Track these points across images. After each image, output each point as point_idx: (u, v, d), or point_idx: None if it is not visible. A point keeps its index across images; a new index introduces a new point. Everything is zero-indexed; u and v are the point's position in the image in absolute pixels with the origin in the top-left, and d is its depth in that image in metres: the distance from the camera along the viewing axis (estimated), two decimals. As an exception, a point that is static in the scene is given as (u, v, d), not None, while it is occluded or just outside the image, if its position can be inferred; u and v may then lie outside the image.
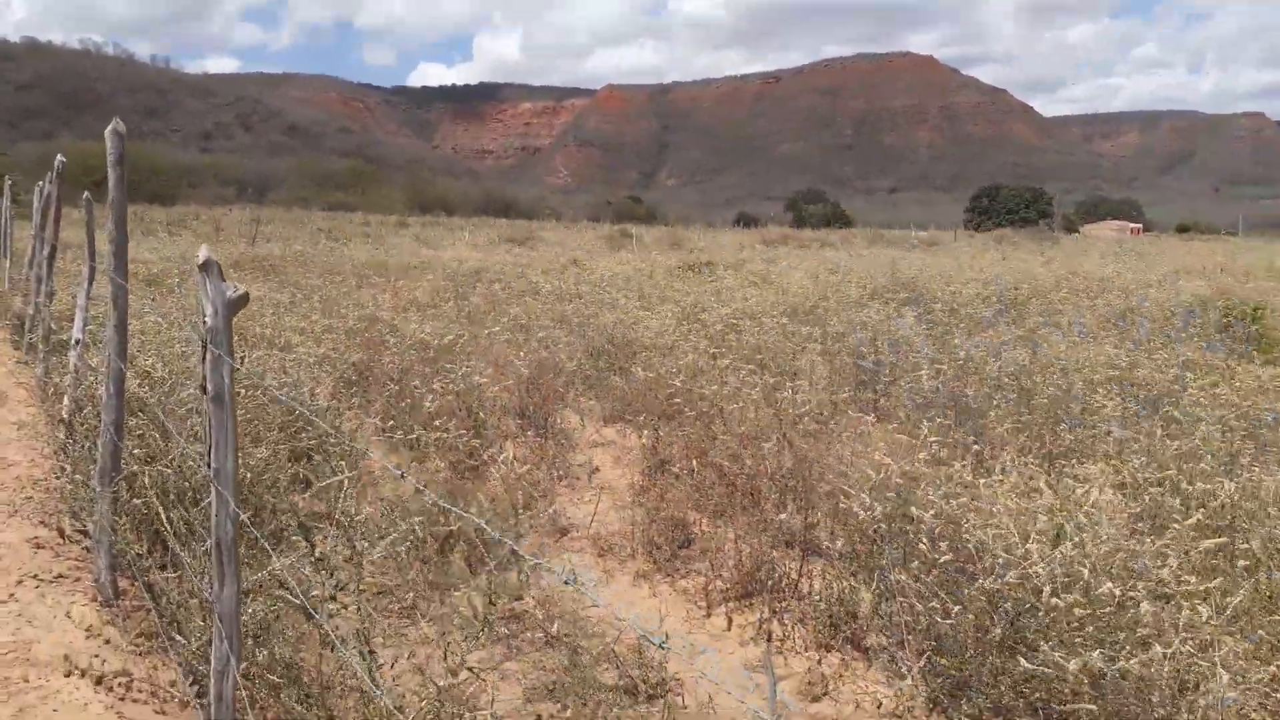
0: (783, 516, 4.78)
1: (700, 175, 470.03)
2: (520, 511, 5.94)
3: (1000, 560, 3.65)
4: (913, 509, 3.87)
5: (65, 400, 5.69)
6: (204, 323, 2.46)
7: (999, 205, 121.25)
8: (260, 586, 3.15)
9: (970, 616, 3.46)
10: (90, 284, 6.01)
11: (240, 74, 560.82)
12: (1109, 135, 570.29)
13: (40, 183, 10.65)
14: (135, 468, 4.24)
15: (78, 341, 5.81)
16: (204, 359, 2.45)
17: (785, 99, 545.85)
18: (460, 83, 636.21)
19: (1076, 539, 3.37)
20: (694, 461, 5.90)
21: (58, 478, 5.61)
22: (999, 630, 3.38)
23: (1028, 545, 3.35)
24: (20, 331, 9.84)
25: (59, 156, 7.26)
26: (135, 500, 4.27)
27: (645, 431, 7.06)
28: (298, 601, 2.77)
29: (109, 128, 3.96)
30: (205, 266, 2.44)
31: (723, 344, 9.55)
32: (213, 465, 2.45)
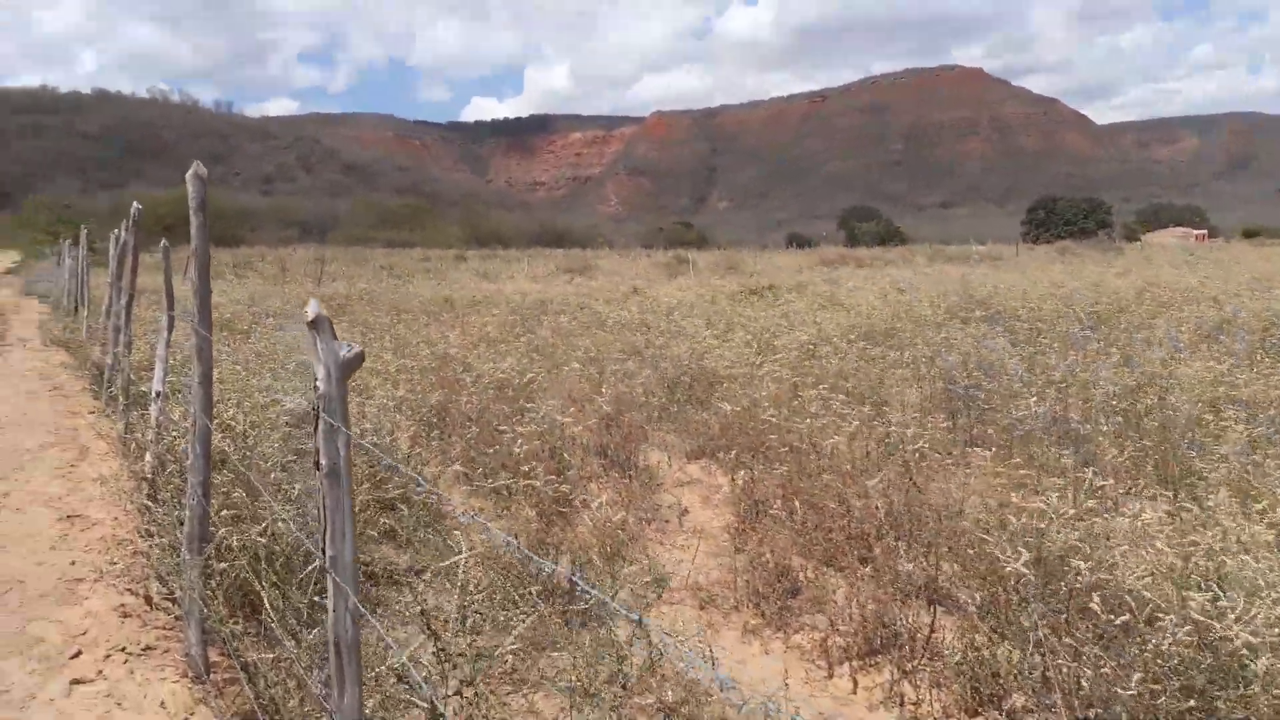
0: (909, 566, 4.41)
1: (750, 198, 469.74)
2: (615, 560, 5.66)
3: (1172, 618, 3.26)
4: (1074, 561, 3.48)
5: (147, 456, 5.56)
6: (315, 388, 2.22)
7: (1057, 217, 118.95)
8: (376, 680, 2.90)
9: (1152, 684, 3.07)
10: (169, 333, 5.90)
11: (299, 115, 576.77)
12: (1166, 141, 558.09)
13: (115, 230, 10.75)
14: (223, 531, 4.04)
15: (158, 394, 5.68)
16: (316, 429, 2.20)
17: (832, 117, 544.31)
18: (511, 115, 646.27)
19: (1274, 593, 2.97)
20: (796, 502, 5.56)
21: (142, 538, 5.47)
22: (1186, 700, 2.98)
23: (1229, 604, 2.95)
24: (99, 382, 9.87)
25: (135, 204, 7.23)
26: (223, 564, 4.08)
27: (738, 470, 6.73)
28: (424, 704, 2.50)
29: (190, 172, 3.80)
30: (315, 324, 2.20)
31: (803, 371, 9.21)
32: (328, 552, 2.19)
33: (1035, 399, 6.92)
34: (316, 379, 2.20)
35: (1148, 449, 6.55)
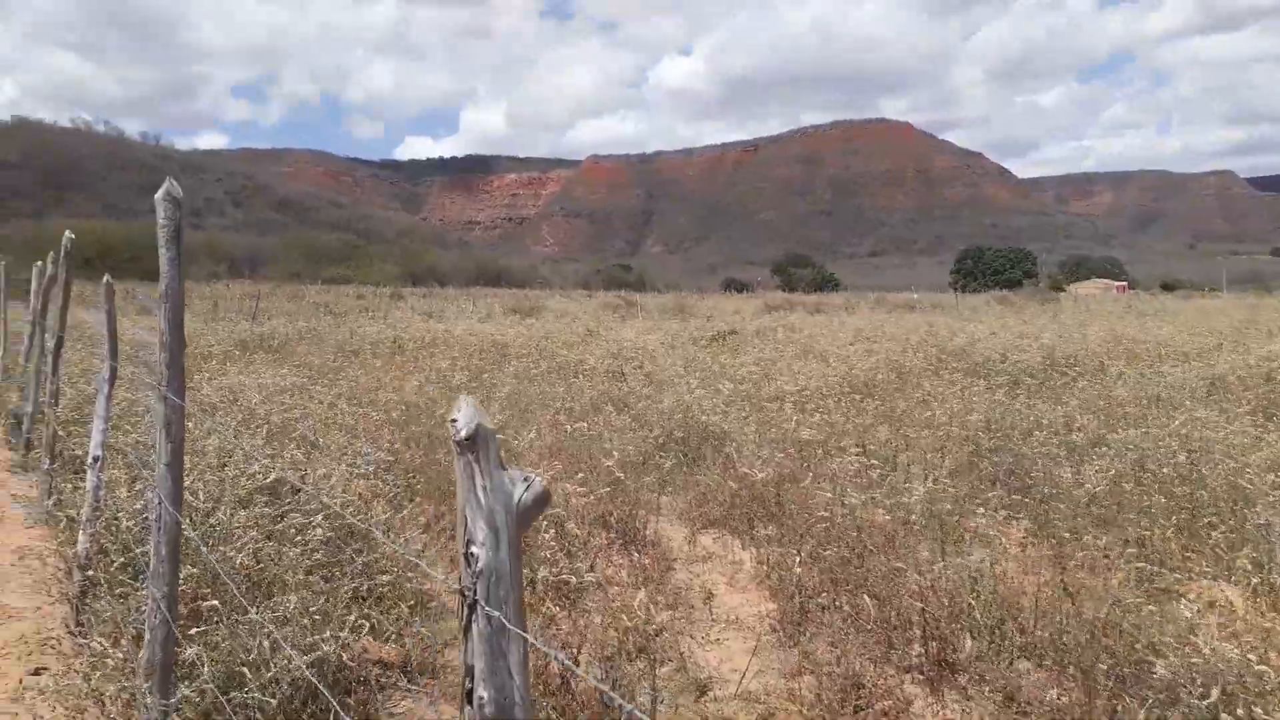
0: (1053, 693, 3.64)
1: (684, 242, 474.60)
2: (643, 659, 4.82)
3: None
4: None
5: (80, 536, 4.55)
6: (466, 556, 1.32)
7: (984, 266, 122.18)
8: None
9: None
10: (111, 387, 4.92)
11: (230, 150, 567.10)
12: (1082, 196, 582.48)
13: (39, 262, 9.62)
14: (191, 651, 3.10)
15: (96, 460, 4.69)
16: (466, 628, 1.31)
17: (765, 167, 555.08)
18: (447, 155, 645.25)
19: None
20: (864, 595, 4.78)
21: (72, 634, 4.47)
22: None
23: None
24: (16, 432, 8.68)
25: (67, 234, 6.23)
26: (189, 690, 3.14)
27: (765, 545, 5.95)
28: None
29: (161, 191, 2.92)
30: (473, 443, 1.33)
31: (811, 427, 8.49)
32: None
33: (1093, 470, 6.27)
34: (472, 542, 1.30)
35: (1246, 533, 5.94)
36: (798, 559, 5.24)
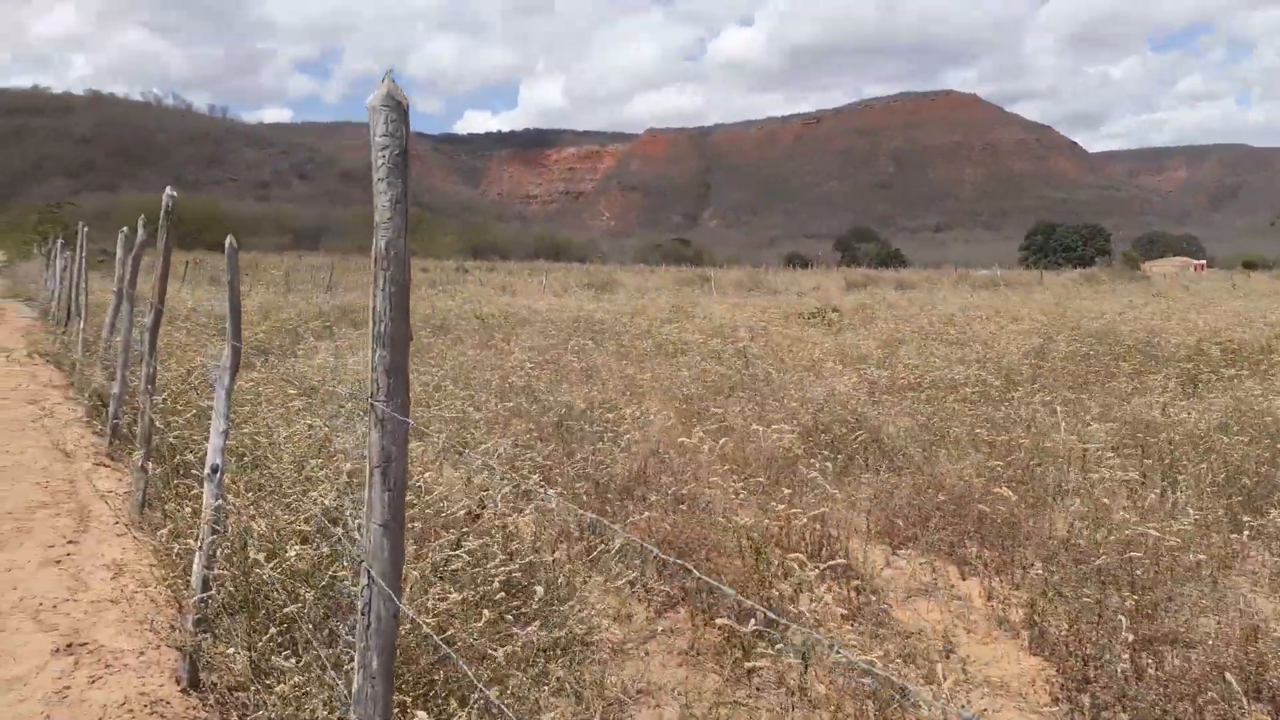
0: None
1: (742, 216, 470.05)
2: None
3: None
4: None
5: (196, 568, 3.56)
6: None
7: (1055, 243, 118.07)
8: None
9: None
10: (234, 376, 3.92)
11: (294, 123, 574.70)
12: (1155, 170, 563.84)
13: (124, 229, 8.76)
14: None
15: (215, 470, 3.69)
16: None
17: (825, 139, 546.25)
18: (505, 129, 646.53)
19: None
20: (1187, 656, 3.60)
21: (184, 692, 3.50)
22: None
23: None
24: (100, 414, 7.83)
25: (169, 190, 5.25)
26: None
27: (1000, 574, 4.78)
28: None
29: (378, 95, 1.84)
30: None
31: (993, 427, 7.27)
32: None
33: None
34: None
35: None
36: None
